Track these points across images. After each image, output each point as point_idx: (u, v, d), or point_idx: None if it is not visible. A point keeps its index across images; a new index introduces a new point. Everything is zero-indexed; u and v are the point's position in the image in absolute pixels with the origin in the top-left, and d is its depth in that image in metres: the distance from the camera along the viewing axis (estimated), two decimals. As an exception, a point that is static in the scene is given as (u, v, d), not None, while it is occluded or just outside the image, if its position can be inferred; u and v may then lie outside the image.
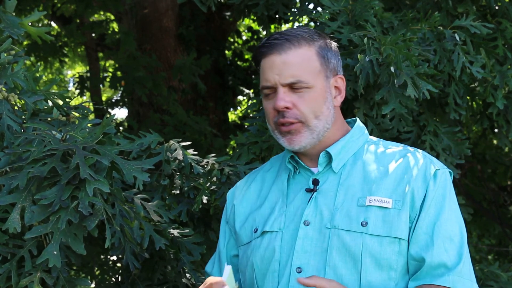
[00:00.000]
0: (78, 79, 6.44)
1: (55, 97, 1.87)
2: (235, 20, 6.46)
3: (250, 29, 7.40)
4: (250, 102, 6.49)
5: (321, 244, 1.60)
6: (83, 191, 1.42)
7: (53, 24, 7.09)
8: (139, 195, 2.02)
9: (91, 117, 2.20)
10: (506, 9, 2.80)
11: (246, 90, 6.66)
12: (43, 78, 7.35)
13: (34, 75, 1.88)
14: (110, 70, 6.40)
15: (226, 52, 6.78)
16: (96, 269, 3.05)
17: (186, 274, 2.20)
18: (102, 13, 7.18)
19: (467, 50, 2.53)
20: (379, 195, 1.60)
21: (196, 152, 2.37)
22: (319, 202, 1.64)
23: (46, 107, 1.86)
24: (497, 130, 2.94)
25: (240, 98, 7.50)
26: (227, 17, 6.28)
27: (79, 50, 7.78)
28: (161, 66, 5.68)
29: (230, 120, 7.24)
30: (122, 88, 6.00)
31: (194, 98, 6.01)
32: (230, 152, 5.13)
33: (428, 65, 2.35)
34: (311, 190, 1.67)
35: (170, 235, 2.05)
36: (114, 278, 2.61)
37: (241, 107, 8.14)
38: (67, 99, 1.92)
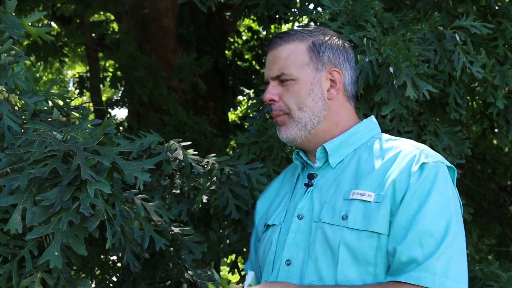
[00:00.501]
0: (78, 79, 6.44)
1: (56, 97, 1.87)
2: (235, 20, 6.46)
3: (250, 29, 7.40)
4: (250, 102, 6.49)
5: (309, 237, 1.61)
6: (84, 192, 1.42)
7: (53, 24, 7.09)
8: (140, 196, 2.02)
9: (91, 117, 2.20)
10: (506, 9, 2.81)
11: (246, 90, 6.67)
12: (43, 78, 7.34)
13: (35, 76, 1.87)
14: (110, 70, 6.40)
15: (226, 52, 6.78)
16: (96, 269, 3.05)
17: (188, 271, 2.20)
18: (102, 13, 7.17)
19: (467, 50, 2.53)
20: (363, 189, 1.57)
21: (196, 152, 2.37)
22: (314, 197, 1.66)
23: (46, 108, 1.85)
24: (497, 130, 2.94)
25: (240, 98, 7.50)
26: (227, 17, 6.28)
27: (79, 50, 7.78)
28: (161, 66, 5.68)
29: (230, 120, 7.25)
30: (122, 88, 6.00)
31: (194, 98, 6.01)
32: (230, 152, 5.13)
33: (428, 65, 2.35)
34: (308, 185, 1.70)
35: (170, 234, 2.05)
36: (115, 277, 2.61)
37: (241, 107, 8.14)
38: (68, 100, 1.92)
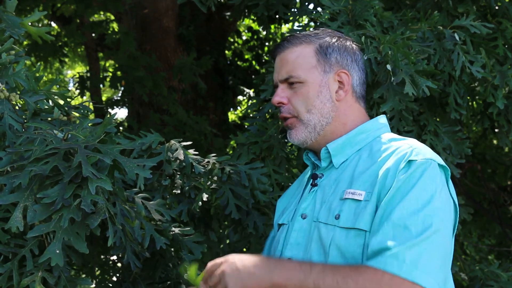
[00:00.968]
0: (78, 79, 6.44)
1: (56, 97, 1.87)
2: (235, 20, 6.46)
3: (250, 29, 7.41)
4: (250, 102, 6.49)
5: (308, 236, 1.63)
6: (86, 189, 1.42)
7: (53, 24, 7.08)
8: (140, 195, 2.02)
9: (92, 117, 2.20)
10: (506, 9, 2.81)
11: (246, 90, 6.67)
12: (44, 78, 7.34)
13: (35, 75, 1.88)
14: (110, 70, 6.40)
15: (226, 52, 6.78)
16: (96, 269, 3.05)
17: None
18: (102, 13, 7.17)
19: (467, 49, 2.53)
20: (355, 188, 1.57)
21: (197, 152, 2.38)
22: (317, 196, 1.68)
23: (47, 107, 1.86)
24: (497, 130, 2.94)
25: (240, 98, 7.50)
26: (227, 17, 6.28)
27: (79, 50, 7.78)
28: (161, 66, 5.68)
29: (230, 120, 7.25)
30: (122, 88, 6.00)
31: (194, 98, 6.02)
32: (230, 152, 5.13)
33: (427, 63, 2.35)
34: (313, 185, 1.72)
35: (171, 234, 2.06)
36: (115, 277, 2.60)
37: (241, 107, 8.14)
38: (68, 99, 1.92)
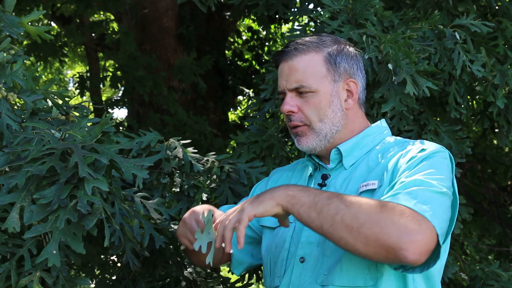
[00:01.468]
0: (78, 79, 6.44)
1: (55, 96, 1.86)
2: (235, 20, 6.46)
3: (250, 29, 7.40)
4: (250, 102, 6.49)
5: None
6: (82, 190, 1.42)
7: (53, 24, 7.08)
8: (139, 194, 2.02)
9: (91, 117, 2.20)
10: (507, 8, 2.80)
11: (246, 90, 6.66)
12: (43, 78, 7.34)
13: (34, 75, 1.87)
14: (110, 70, 6.40)
15: (226, 52, 6.78)
16: (96, 269, 3.05)
17: (187, 269, 2.21)
18: (102, 13, 7.17)
19: (468, 49, 2.52)
20: (369, 180, 1.63)
21: (196, 150, 2.37)
22: None
23: (45, 106, 1.85)
24: (497, 130, 2.93)
25: (240, 98, 7.49)
26: (227, 17, 6.27)
27: (79, 50, 7.77)
28: (161, 66, 5.68)
29: (230, 120, 7.24)
30: (122, 88, 6.00)
31: (194, 98, 6.01)
32: (230, 151, 5.12)
33: (428, 62, 2.34)
34: (321, 185, 1.74)
35: (170, 232, 2.05)
36: (115, 275, 2.60)
37: (241, 107, 8.14)
38: (67, 98, 1.91)
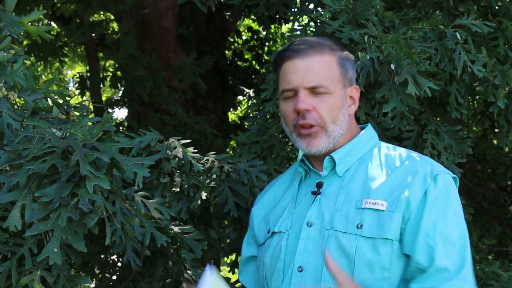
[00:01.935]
0: (78, 79, 6.44)
1: (55, 95, 1.86)
2: (235, 20, 6.46)
3: (250, 29, 7.41)
4: (250, 102, 6.49)
5: (321, 244, 1.64)
6: (83, 188, 1.42)
7: (53, 24, 7.08)
8: (140, 193, 2.01)
9: (91, 116, 2.19)
10: (507, 8, 2.80)
11: (246, 90, 6.67)
12: (43, 77, 7.33)
13: (34, 74, 1.87)
14: (110, 70, 6.40)
15: (226, 52, 6.78)
16: (96, 268, 3.04)
17: (188, 271, 2.20)
18: (102, 13, 7.17)
19: (468, 49, 2.52)
20: (375, 198, 1.63)
21: (196, 150, 2.37)
22: (322, 204, 1.69)
23: (46, 106, 1.85)
24: (497, 130, 2.93)
25: (240, 98, 7.50)
26: (227, 17, 6.28)
27: (79, 50, 7.77)
28: (161, 66, 5.68)
29: (230, 120, 7.24)
30: (122, 88, 6.00)
31: (194, 98, 6.02)
32: (230, 152, 5.12)
33: (429, 63, 2.34)
34: (315, 193, 1.72)
35: (171, 232, 2.05)
36: (115, 275, 2.60)
37: (241, 107, 8.14)
38: (67, 98, 1.92)
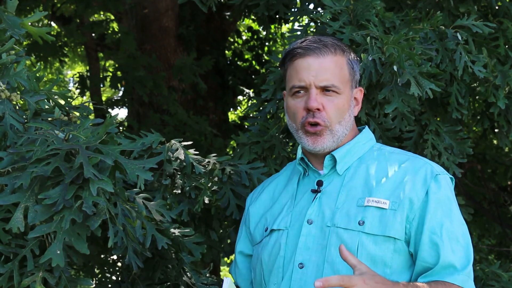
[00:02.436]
0: (78, 79, 6.44)
1: (57, 97, 1.87)
2: (235, 20, 6.46)
3: (250, 29, 7.40)
4: (250, 102, 6.49)
5: (321, 241, 1.66)
6: (87, 191, 1.42)
7: (53, 24, 7.07)
8: (141, 195, 2.02)
9: (92, 117, 2.20)
10: (507, 9, 2.80)
11: (246, 90, 6.67)
12: (44, 78, 7.32)
13: (36, 75, 1.87)
14: (110, 70, 6.40)
15: (226, 52, 6.78)
16: (96, 268, 3.05)
17: (187, 274, 2.21)
18: (102, 13, 7.16)
19: (469, 49, 2.52)
20: (377, 196, 1.66)
21: (197, 152, 2.38)
22: (322, 202, 1.71)
23: (48, 107, 1.86)
24: (497, 130, 2.94)
25: (240, 98, 7.50)
26: (227, 17, 6.27)
27: (79, 50, 7.76)
28: (161, 66, 5.68)
29: (230, 120, 7.24)
30: (122, 88, 6.00)
31: (194, 98, 6.01)
32: (230, 152, 5.12)
33: (430, 64, 2.35)
34: (316, 191, 1.74)
35: (172, 234, 2.06)
36: (114, 277, 2.60)
37: (241, 107, 8.14)
38: (69, 99, 1.92)
